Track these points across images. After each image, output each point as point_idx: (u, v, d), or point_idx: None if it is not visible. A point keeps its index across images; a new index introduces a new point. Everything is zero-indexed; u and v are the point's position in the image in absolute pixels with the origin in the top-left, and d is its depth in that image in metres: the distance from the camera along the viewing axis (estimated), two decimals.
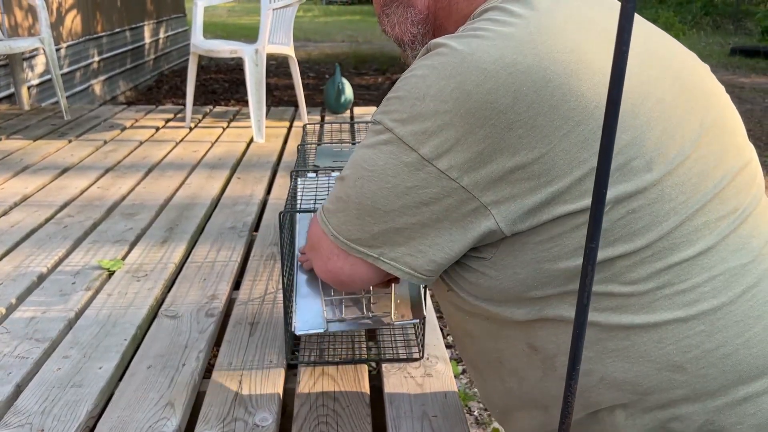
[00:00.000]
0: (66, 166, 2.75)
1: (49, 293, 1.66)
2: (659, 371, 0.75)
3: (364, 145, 0.80)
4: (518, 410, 0.89)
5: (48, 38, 3.43)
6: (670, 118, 0.74)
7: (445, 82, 0.72)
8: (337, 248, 0.83)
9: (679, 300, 0.74)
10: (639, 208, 0.72)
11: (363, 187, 0.78)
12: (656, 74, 0.76)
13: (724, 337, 0.74)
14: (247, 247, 1.99)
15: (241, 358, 1.40)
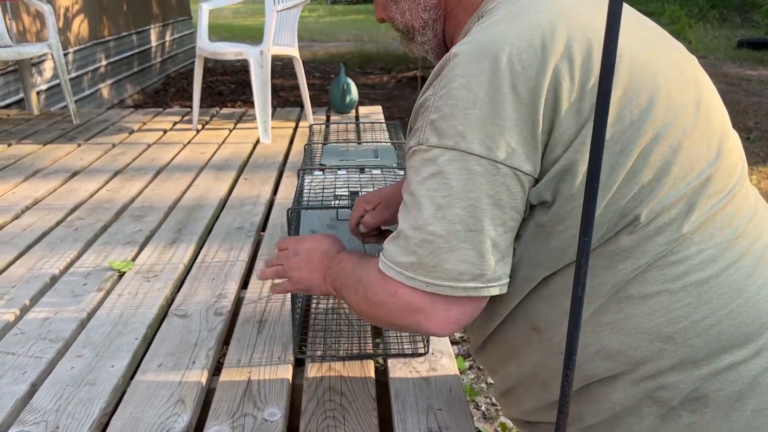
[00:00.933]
0: (76, 169, 2.79)
1: (62, 294, 1.69)
2: (650, 342, 0.79)
3: (421, 180, 0.77)
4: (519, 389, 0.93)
5: (56, 44, 3.48)
6: (674, 99, 0.78)
7: (488, 84, 0.74)
8: (436, 299, 0.78)
9: (670, 273, 0.78)
10: (647, 183, 0.76)
11: (446, 216, 0.76)
12: (658, 58, 0.80)
13: (710, 308, 0.78)
14: (254, 246, 2.02)
15: (250, 355, 1.43)
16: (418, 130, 0.80)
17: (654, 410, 0.81)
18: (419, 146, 0.79)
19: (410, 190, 0.79)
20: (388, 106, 6.67)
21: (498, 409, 2.16)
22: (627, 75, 0.77)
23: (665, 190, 0.76)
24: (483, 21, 0.82)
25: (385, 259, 0.82)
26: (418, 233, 0.78)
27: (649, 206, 0.76)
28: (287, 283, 1.09)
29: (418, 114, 0.82)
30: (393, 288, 0.81)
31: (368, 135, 3.08)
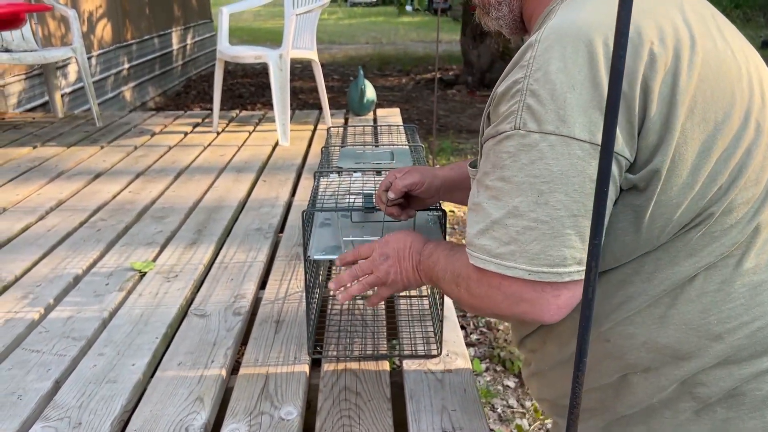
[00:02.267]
0: (99, 171, 2.84)
1: (85, 294, 1.73)
2: (699, 339, 0.80)
3: (521, 166, 0.75)
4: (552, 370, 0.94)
5: (80, 48, 3.54)
6: (751, 102, 0.80)
7: (587, 68, 0.74)
8: (544, 287, 0.77)
9: (729, 274, 0.79)
10: (724, 185, 0.78)
11: (549, 202, 0.74)
12: (738, 58, 0.82)
13: (761, 311, 0.79)
14: (272, 248, 2.05)
15: (267, 354, 1.45)
16: (511, 114, 0.77)
17: (691, 405, 0.83)
18: (515, 131, 0.76)
19: (504, 177, 0.77)
20: (406, 108, 6.69)
21: (514, 411, 2.16)
22: (714, 75, 0.77)
23: (737, 192, 0.78)
24: (569, 4, 0.81)
25: (481, 255, 0.80)
26: (519, 221, 0.76)
27: (722, 207, 0.78)
28: (383, 289, 1.08)
29: (505, 97, 0.79)
30: (496, 281, 0.79)
31: (386, 137, 3.10)
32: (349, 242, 1.25)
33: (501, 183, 0.77)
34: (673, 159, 0.75)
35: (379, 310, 1.64)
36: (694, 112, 0.75)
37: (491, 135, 0.80)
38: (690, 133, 0.75)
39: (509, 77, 0.80)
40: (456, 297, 0.91)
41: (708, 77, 0.77)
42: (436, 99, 2.34)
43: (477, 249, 0.81)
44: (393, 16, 17.43)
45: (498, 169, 0.78)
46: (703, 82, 0.76)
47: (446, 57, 10.08)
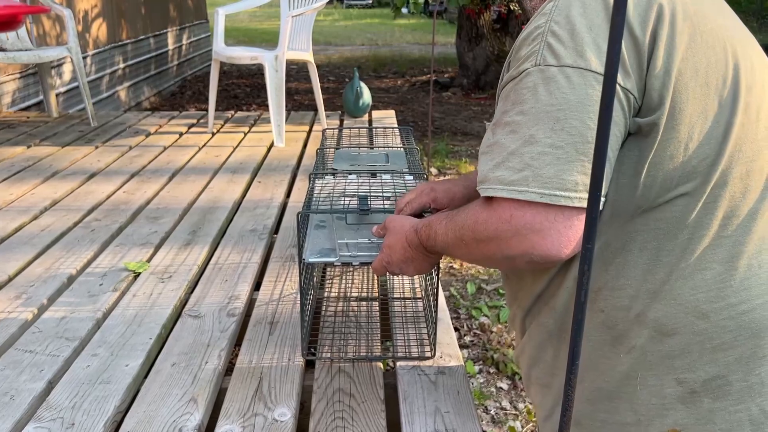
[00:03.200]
0: (93, 171, 2.84)
1: (78, 294, 1.73)
2: (686, 315, 0.83)
3: (538, 98, 0.78)
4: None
5: (75, 47, 3.54)
6: (753, 82, 0.85)
7: (604, 13, 0.79)
8: (556, 215, 0.77)
9: (723, 253, 0.82)
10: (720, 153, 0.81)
11: (564, 128, 0.77)
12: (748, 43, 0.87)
13: (748, 294, 0.82)
14: (267, 249, 2.05)
15: (261, 355, 1.46)
16: (532, 54, 0.81)
17: (676, 391, 0.85)
18: (535, 67, 0.80)
19: (523, 110, 0.80)
20: (401, 110, 6.69)
21: (507, 413, 2.17)
22: (711, 45, 0.81)
23: (731, 162, 0.81)
24: None
25: (494, 185, 0.81)
26: (534, 147, 0.78)
27: (716, 175, 0.81)
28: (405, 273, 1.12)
29: (526, 41, 0.83)
30: (507, 214, 0.80)
31: (381, 139, 3.11)
32: (344, 244, 1.25)
33: (519, 116, 0.80)
34: (672, 110, 0.79)
35: (373, 312, 1.64)
36: (697, 73, 0.79)
37: (512, 77, 0.83)
38: (689, 91, 0.79)
39: (529, 26, 0.84)
40: (463, 255, 0.92)
41: (704, 46, 0.81)
42: (431, 101, 2.35)
43: (491, 181, 0.82)
44: (389, 18, 17.46)
45: (518, 104, 0.81)
46: (699, 49, 0.80)
47: (442, 59, 10.10)
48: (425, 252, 1.04)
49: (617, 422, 0.88)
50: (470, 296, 2.92)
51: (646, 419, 0.86)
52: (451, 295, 2.93)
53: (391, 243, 1.11)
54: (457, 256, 0.95)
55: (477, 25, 7.37)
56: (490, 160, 0.83)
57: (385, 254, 1.12)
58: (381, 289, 1.77)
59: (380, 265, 1.14)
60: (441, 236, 0.96)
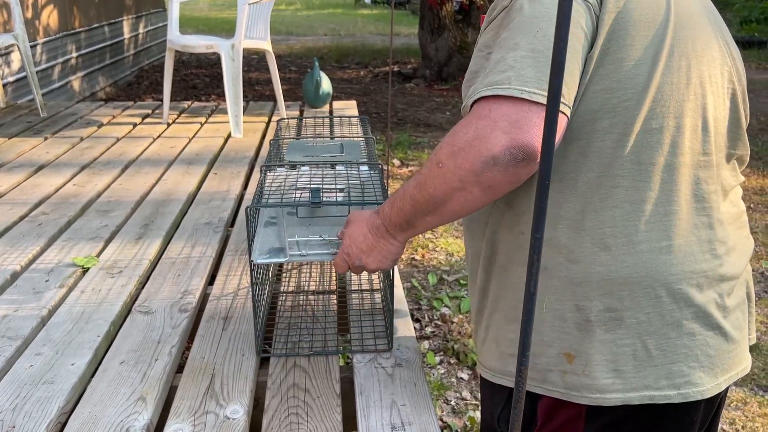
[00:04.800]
0: (41, 163, 2.74)
1: (23, 291, 1.66)
2: (591, 245, 0.89)
3: (524, 14, 0.83)
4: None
5: (22, 35, 3.41)
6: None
7: None
8: (531, 108, 0.80)
9: (632, 196, 0.88)
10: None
11: (546, 35, 0.81)
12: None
13: (648, 236, 0.88)
14: (222, 242, 2.00)
15: (214, 352, 1.42)
16: None
17: (574, 317, 0.91)
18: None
19: (509, 27, 0.84)
20: (364, 100, 6.65)
21: (467, 404, 2.17)
22: (665, 11, 0.88)
23: (652, 114, 0.86)
24: None
25: (480, 89, 0.83)
26: (516, 52, 0.82)
27: (635, 120, 0.86)
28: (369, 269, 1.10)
29: None
30: (485, 109, 0.82)
31: (342, 129, 3.07)
32: (294, 242, 1.22)
33: (506, 32, 0.85)
34: (605, 45, 0.85)
35: (330, 306, 1.62)
36: (637, 17, 0.85)
37: (503, 7, 0.88)
38: (624, 31, 0.85)
39: None
40: (438, 185, 0.88)
41: (662, 5, 0.87)
42: (390, 91, 2.33)
43: (478, 88, 0.84)
44: (351, 8, 17.34)
45: (507, 26, 0.85)
46: (659, 6, 0.87)
47: (404, 50, 10.07)
48: (388, 234, 1.02)
49: None
50: (431, 287, 2.92)
51: (548, 340, 0.93)
52: (412, 287, 2.92)
53: (351, 232, 1.08)
54: (430, 197, 0.90)
55: (439, 17, 7.36)
56: (481, 78, 0.86)
57: (345, 245, 1.10)
58: (339, 282, 1.74)
59: (340, 259, 1.12)
60: (411, 184, 0.94)
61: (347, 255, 1.09)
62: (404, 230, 1.00)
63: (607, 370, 0.90)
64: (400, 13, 17.49)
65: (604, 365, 0.90)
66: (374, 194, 1.32)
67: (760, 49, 10.79)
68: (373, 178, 1.46)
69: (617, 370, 0.90)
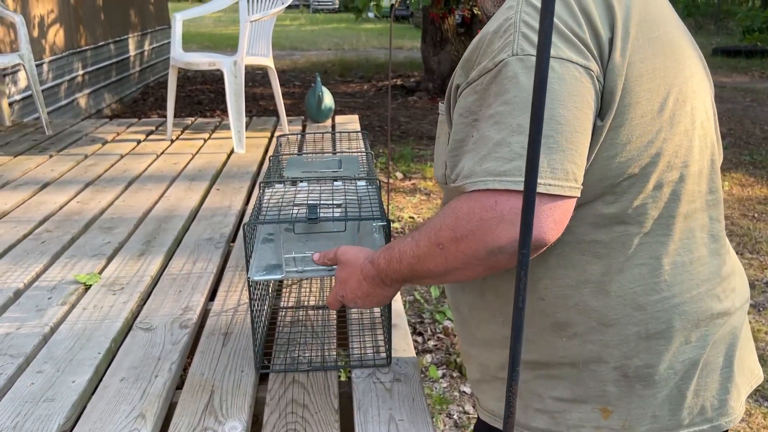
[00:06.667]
0: (46, 181, 2.76)
1: (25, 309, 1.67)
2: (624, 307, 0.87)
3: (524, 87, 0.76)
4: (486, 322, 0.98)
5: (27, 54, 3.45)
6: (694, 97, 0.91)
7: (566, 7, 0.80)
8: (541, 199, 0.76)
9: (658, 250, 0.86)
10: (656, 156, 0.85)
11: (554, 116, 0.76)
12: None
13: (679, 289, 0.87)
14: (223, 258, 2.02)
15: (214, 368, 1.42)
16: (507, 45, 0.79)
17: (612, 376, 0.89)
18: (513, 56, 0.78)
19: (506, 101, 0.78)
20: (367, 114, 6.69)
21: (470, 418, 2.17)
22: (666, 51, 0.85)
23: (666, 168, 0.85)
24: None
25: (483, 178, 0.77)
26: (522, 136, 0.76)
27: (650, 178, 0.84)
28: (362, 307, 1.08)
29: (497, 35, 0.81)
30: (491, 200, 0.77)
31: (345, 144, 3.09)
32: (291, 259, 1.23)
33: (503, 107, 0.78)
34: (618, 111, 0.81)
35: (330, 320, 1.62)
36: (642, 77, 0.82)
37: (486, 69, 0.80)
38: (633, 95, 0.81)
39: (495, 20, 0.83)
40: (438, 264, 0.85)
41: (652, 52, 0.83)
42: (390, 104, 2.35)
43: (478, 174, 0.78)
44: (355, 23, 17.46)
45: (500, 95, 0.78)
46: (647, 55, 0.83)
47: (407, 64, 10.12)
48: (383, 284, 0.99)
49: (553, 397, 0.93)
50: (434, 300, 2.92)
51: (582, 398, 0.91)
52: (414, 300, 2.92)
53: (344, 277, 1.06)
54: (429, 271, 0.88)
55: (441, 30, 7.40)
56: (475, 154, 0.80)
57: (339, 288, 1.07)
58: None
59: (334, 299, 1.10)
60: (408, 252, 0.89)
61: (342, 297, 1.07)
62: (401, 283, 0.98)
63: (647, 422, 0.90)
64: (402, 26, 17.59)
65: (644, 418, 0.90)
66: (371, 209, 1.33)
67: (764, 58, 10.79)
68: (370, 193, 1.47)
69: (654, 416, 0.90)
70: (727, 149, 5.55)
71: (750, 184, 4.65)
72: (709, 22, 15.56)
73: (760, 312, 2.92)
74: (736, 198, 4.39)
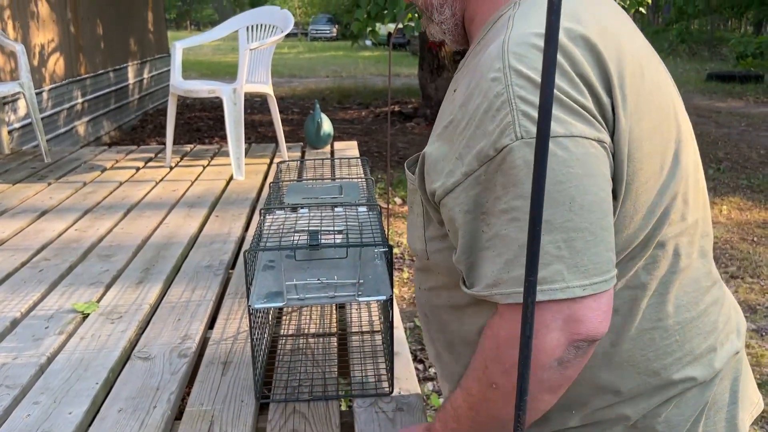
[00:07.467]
0: (44, 209, 2.75)
1: (22, 338, 1.65)
2: (639, 375, 0.82)
3: (531, 169, 0.66)
4: None
5: (28, 83, 3.47)
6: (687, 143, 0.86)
7: (564, 74, 0.72)
8: (581, 299, 0.69)
9: (665, 310, 0.82)
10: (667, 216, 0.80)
11: (584, 205, 0.69)
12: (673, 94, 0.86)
13: (690, 346, 0.84)
14: (223, 285, 2.00)
15: (213, 398, 1.40)
16: (507, 126, 0.70)
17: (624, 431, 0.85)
18: (518, 141, 0.69)
19: (522, 194, 0.69)
20: (366, 140, 6.72)
21: None
22: (657, 109, 0.79)
23: (668, 226, 0.80)
24: (526, 12, 0.77)
25: (516, 289, 0.69)
26: (555, 235, 0.68)
27: (653, 242, 0.80)
28: None
29: (488, 115, 0.72)
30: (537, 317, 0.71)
31: (344, 170, 3.10)
32: (293, 286, 1.22)
33: (520, 201, 0.69)
34: (628, 182, 0.75)
35: (330, 348, 1.60)
36: (642, 140, 0.76)
37: (489, 156, 0.71)
38: (636, 162, 0.76)
39: (476, 92, 0.73)
40: (500, 410, 0.75)
41: (652, 110, 0.78)
42: (389, 130, 2.35)
43: (509, 284, 0.70)
44: (353, 51, 17.64)
45: (511, 187, 0.70)
46: (645, 115, 0.77)
47: (405, 90, 10.20)
48: None
49: None
50: None
51: None
52: (415, 326, 2.89)
53: None
54: (495, 419, 0.78)
55: (438, 57, 7.48)
56: (495, 258, 0.71)
57: None
58: (339, 324, 1.73)
59: None
60: (463, 405, 0.80)
61: None
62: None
63: None
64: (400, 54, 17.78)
65: None
66: (372, 235, 1.32)
67: (758, 83, 10.90)
68: (371, 219, 1.46)
69: None
70: (724, 173, 5.57)
71: (748, 208, 4.65)
72: (702, 49, 15.76)
73: (763, 337, 2.90)
74: (734, 222, 4.39)
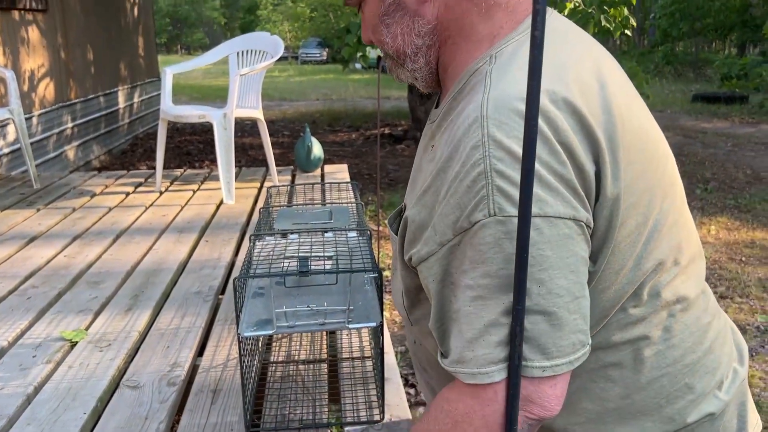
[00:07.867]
0: (33, 235, 2.74)
1: (9, 368, 1.63)
2: (654, 423, 0.81)
3: (509, 256, 0.67)
4: None
5: (17, 109, 3.47)
6: (674, 181, 0.85)
7: (546, 144, 0.69)
8: (537, 382, 0.69)
9: (670, 355, 0.81)
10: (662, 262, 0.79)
11: (552, 290, 0.67)
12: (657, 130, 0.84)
13: (701, 386, 0.83)
14: (212, 311, 1.99)
15: (203, 427, 1.39)
16: (481, 200, 0.68)
17: None
18: (491, 217, 0.67)
19: (489, 272, 0.68)
20: (356, 162, 6.74)
21: None
22: (646, 159, 0.76)
23: (661, 277, 0.78)
24: (503, 69, 0.74)
25: (480, 368, 0.69)
26: (538, 323, 0.68)
27: (647, 290, 0.78)
28: None
29: (463, 184, 0.69)
30: (490, 392, 0.69)
31: (334, 194, 3.10)
32: (282, 314, 1.21)
33: (486, 280, 0.68)
34: (615, 243, 0.74)
35: (321, 375, 1.59)
36: (632, 198, 0.74)
37: (462, 228, 0.69)
38: (626, 220, 0.74)
39: (456, 162, 0.71)
40: None
41: (644, 161, 0.76)
42: (379, 152, 2.37)
43: (471, 363, 0.69)
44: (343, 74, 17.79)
45: (479, 264, 0.68)
46: (637, 173, 0.75)
47: (395, 113, 10.27)
48: None
49: None
50: None
51: None
52: (406, 350, 2.88)
53: None
54: None
55: None
56: (459, 334, 0.71)
57: None
58: (329, 350, 1.72)
59: None
60: None
61: None
62: None
63: None
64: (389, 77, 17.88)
65: None
66: (362, 261, 1.32)
67: (743, 104, 11.06)
68: (361, 245, 1.46)
69: None
70: (712, 194, 5.63)
71: (736, 228, 4.69)
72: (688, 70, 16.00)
73: (753, 357, 2.90)
74: (723, 242, 4.42)
